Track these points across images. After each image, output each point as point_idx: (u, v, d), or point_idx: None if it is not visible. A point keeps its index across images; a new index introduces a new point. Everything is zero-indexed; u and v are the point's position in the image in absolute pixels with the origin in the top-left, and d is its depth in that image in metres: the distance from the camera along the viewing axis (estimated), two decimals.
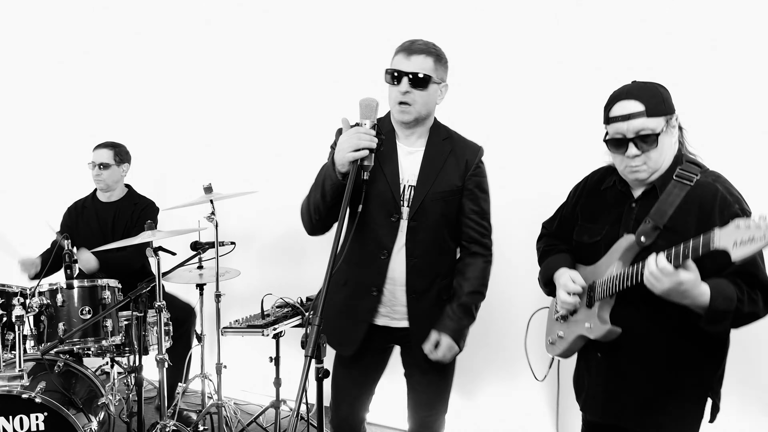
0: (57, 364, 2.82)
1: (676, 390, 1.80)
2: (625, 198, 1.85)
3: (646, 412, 1.81)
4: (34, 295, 2.70)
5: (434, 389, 2.22)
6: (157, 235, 2.80)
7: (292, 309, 3.29)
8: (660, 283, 1.58)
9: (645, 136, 1.70)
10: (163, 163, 4.23)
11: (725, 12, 2.73)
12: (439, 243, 2.11)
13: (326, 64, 3.73)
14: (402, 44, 2.05)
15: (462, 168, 2.10)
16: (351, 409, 2.26)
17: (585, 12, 3.03)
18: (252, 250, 3.99)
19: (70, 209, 3.64)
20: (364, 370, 2.23)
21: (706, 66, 2.75)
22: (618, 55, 2.91)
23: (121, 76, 4.43)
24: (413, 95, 2.00)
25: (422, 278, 2.09)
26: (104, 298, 2.82)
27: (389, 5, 3.51)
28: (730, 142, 2.64)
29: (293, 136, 3.89)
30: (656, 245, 1.70)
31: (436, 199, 2.07)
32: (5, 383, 2.52)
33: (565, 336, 1.96)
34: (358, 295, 2.11)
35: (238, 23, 4.01)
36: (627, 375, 1.84)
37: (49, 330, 2.75)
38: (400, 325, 2.14)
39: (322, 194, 1.98)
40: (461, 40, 3.14)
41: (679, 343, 1.77)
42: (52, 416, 2.50)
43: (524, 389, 3.23)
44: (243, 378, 3.94)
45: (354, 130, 1.87)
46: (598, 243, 1.87)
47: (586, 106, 2.93)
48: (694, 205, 1.71)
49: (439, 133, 2.13)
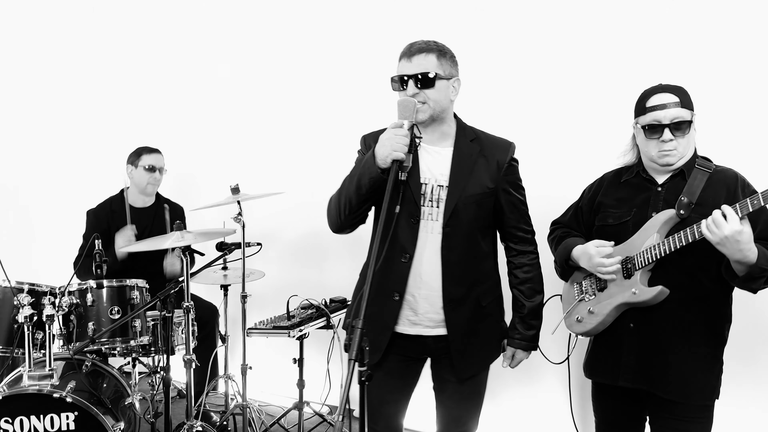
0: (85, 364, 2.83)
1: (701, 359, 2.00)
2: (651, 184, 2.08)
3: (677, 377, 1.98)
4: (63, 295, 2.70)
5: (466, 404, 2.16)
6: (187, 237, 2.80)
7: (316, 310, 3.29)
8: (721, 229, 1.75)
9: (679, 123, 1.96)
10: (186, 164, 4.25)
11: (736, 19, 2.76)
12: (474, 248, 2.07)
13: (351, 66, 3.74)
14: (403, 49, 2.02)
15: (493, 169, 2.06)
16: (386, 421, 2.15)
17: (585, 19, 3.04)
18: (273, 251, 3.99)
19: (96, 212, 3.57)
20: (397, 384, 2.13)
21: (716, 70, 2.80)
22: (633, 58, 2.95)
23: (146, 77, 4.45)
24: (423, 95, 1.96)
25: (459, 285, 2.03)
26: (133, 298, 2.83)
27: (413, 6, 3.51)
28: (731, 142, 2.68)
29: (313, 138, 3.91)
30: (691, 218, 1.93)
31: (469, 203, 2.02)
32: (35, 382, 2.53)
33: (597, 311, 2.11)
34: (380, 301, 1.99)
35: (266, 25, 4.02)
36: (659, 343, 2.01)
37: (78, 329, 2.76)
38: (434, 333, 2.06)
39: (358, 187, 1.93)
40: (479, 44, 3.19)
41: (704, 313, 1.99)
42: (83, 416, 2.51)
43: (541, 383, 3.25)
44: (263, 379, 3.94)
45: (396, 130, 1.85)
46: (626, 223, 2.08)
47: (599, 112, 3.00)
48: (721, 185, 1.99)
49: (465, 135, 2.09)
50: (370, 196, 1.94)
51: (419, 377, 2.20)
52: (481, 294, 2.08)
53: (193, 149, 4.27)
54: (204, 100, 4.26)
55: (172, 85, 4.36)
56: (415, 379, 2.19)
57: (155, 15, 4.41)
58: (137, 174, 3.54)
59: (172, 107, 4.37)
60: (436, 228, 2.02)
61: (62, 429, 2.50)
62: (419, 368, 2.19)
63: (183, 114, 4.34)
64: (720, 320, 2.04)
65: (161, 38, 4.39)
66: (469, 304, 2.06)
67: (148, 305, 2.71)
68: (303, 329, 3.07)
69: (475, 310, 2.07)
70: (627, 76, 2.93)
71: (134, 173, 3.55)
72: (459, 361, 2.06)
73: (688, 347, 1.99)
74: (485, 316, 2.10)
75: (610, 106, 2.94)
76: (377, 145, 1.87)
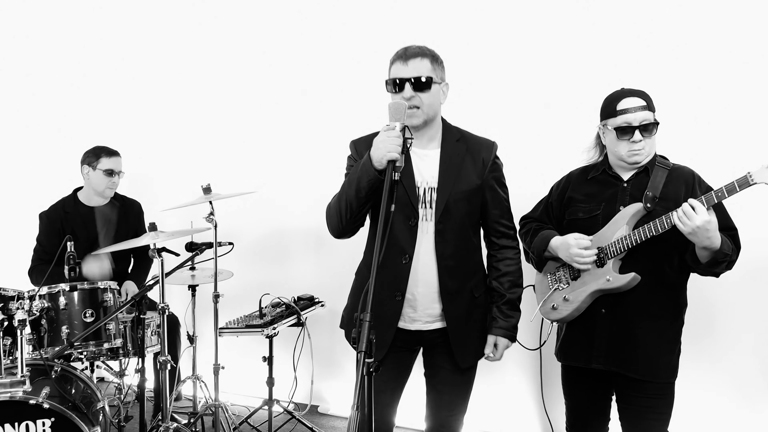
0: (54, 369, 2.75)
1: (666, 341, 2.20)
2: (617, 180, 2.26)
3: (646, 358, 2.17)
4: (33, 299, 2.62)
5: (458, 390, 2.26)
6: (160, 237, 2.78)
7: (286, 308, 3.33)
8: (693, 221, 1.93)
9: (647, 125, 2.14)
10: (154, 164, 4.19)
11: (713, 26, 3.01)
12: (466, 242, 2.17)
13: (325, 66, 3.79)
14: (396, 53, 2.10)
15: (479, 166, 2.17)
16: (381, 409, 2.19)
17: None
18: (235, 250, 3.99)
19: (48, 214, 3.48)
20: (392, 374, 2.20)
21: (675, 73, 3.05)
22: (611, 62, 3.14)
23: (116, 76, 4.34)
24: (418, 99, 2.05)
25: (454, 278, 2.13)
26: (106, 301, 2.77)
27: (388, 6, 3.60)
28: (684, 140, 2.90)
29: (276, 138, 3.94)
30: (656, 212, 2.12)
31: (459, 200, 2.12)
32: (7, 390, 2.45)
33: (572, 299, 2.27)
34: (384, 302, 2.08)
35: (234, 24, 4.01)
36: (629, 327, 2.19)
37: (50, 334, 2.68)
38: (433, 327, 2.16)
39: (357, 190, 2.00)
40: (472, 46, 3.36)
41: (668, 298, 2.19)
42: (59, 421, 2.44)
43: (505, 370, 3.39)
44: (227, 380, 3.92)
45: (389, 132, 1.92)
46: (596, 216, 2.25)
47: (562, 115, 3.21)
48: (680, 181, 2.18)
49: (452, 134, 2.19)
50: (370, 198, 2.01)
51: (413, 367, 2.29)
52: (474, 286, 2.19)
53: (148, 149, 4.19)
54: (174, 100, 4.20)
55: (142, 84, 4.28)
56: (409, 369, 2.27)
57: (122, 9, 4.30)
58: (95, 176, 3.45)
59: (127, 105, 4.29)
60: (430, 227, 2.12)
61: None
62: (413, 358, 2.28)
63: (152, 113, 4.26)
64: (679, 305, 2.24)
65: (131, 37, 4.29)
66: (464, 295, 2.16)
67: (124, 306, 2.67)
68: (276, 327, 3.11)
69: (469, 301, 2.18)
70: (586, 80, 3.16)
71: (91, 175, 3.46)
72: (459, 352, 2.16)
73: (654, 330, 2.17)
74: (478, 307, 2.21)
75: (573, 111, 3.16)
76: (372, 149, 1.94)
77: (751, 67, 2.94)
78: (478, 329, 2.22)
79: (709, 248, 2.00)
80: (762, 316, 2.96)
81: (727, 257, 2.05)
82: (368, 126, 2.21)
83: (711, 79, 3.00)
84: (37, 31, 4.49)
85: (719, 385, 3.03)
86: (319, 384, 3.90)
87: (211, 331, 3.18)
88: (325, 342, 3.81)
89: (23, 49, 4.55)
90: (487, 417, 3.45)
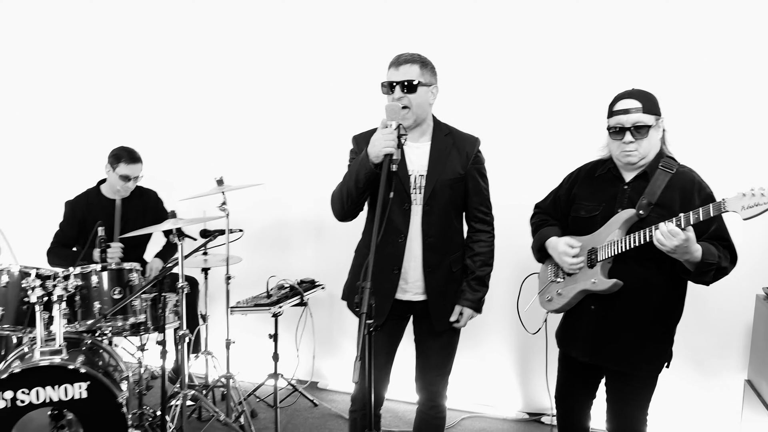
0: (84, 342, 3.07)
1: (652, 338, 2.30)
2: (618, 181, 2.33)
3: (627, 354, 2.30)
4: (68, 278, 2.94)
5: (443, 352, 2.61)
6: (179, 223, 3.10)
7: (290, 289, 3.66)
8: (670, 241, 2.02)
9: (640, 127, 2.20)
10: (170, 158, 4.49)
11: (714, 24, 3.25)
12: (448, 223, 2.52)
13: (325, 69, 4.10)
14: (392, 59, 2.45)
15: (463, 158, 2.51)
16: (378, 369, 2.45)
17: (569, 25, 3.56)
18: (243, 238, 4.30)
19: (73, 204, 3.76)
20: (387, 338, 2.55)
21: (688, 75, 3.29)
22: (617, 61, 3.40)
23: (133, 75, 4.60)
24: (407, 99, 2.39)
25: (436, 254, 2.48)
26: (131, 280, 3.09)
27: (389, 8, 3.92)
28: (701, 142, 3.17)
29: (282, 134, 4.26)
30: (650, 218, 2.19)
31: (444, 186, 2.47)
32: (48, 357, 2.77)
33: (564, 293, 2.43)
34: (383, 276, 2.40)
35: (246, 21, 4.28)
36: (615, 324, 2.30)
37: (83, 309, 3.00)
38: (419, 298, 2.50)
39: (356, 180, 2.34)
40: (463, 49, 3.66)
41: (658, 298, 2.26)
42: (94, 385, 2.76)
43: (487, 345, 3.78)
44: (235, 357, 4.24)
45: (386, 130, 2.26)
46: (595, 217, 2.34)
47: (574, 109, 3.49)
48: (677, 188, 2.21)
49: (441, 130, 2.54)
50: (367, 188, 2.35)
51: (404, 333, 2.64)
52: (452, 261, 2.53)
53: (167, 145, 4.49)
54: (175, 95, 4.49)
55: (157, 82, 4.54)
56: (400, 334, 2.62)
57: (137, 10, 4.55)
58: (112, 177, 3.72)
59: (151, 106, 4.56)
60: (419, 210, 2.47)
61: (74, 398, 2.75)
62: (404, 325, 2.64)
63: (159, 112, 4.54)
64: (669, 306, 2.30)
65: (143, 33, 4.54)
66: (443, 269, 2.51)
67: (151, 283, 2.99)
68: (282, 306, 3.44)
69: (447, 275, 2.52)
70: (584, 80, 3.46)
71: (110, 175, 3.73)
72: (435, 317, 2.52)
73: (639, 329, 2.27)
74: (454, 281, 2.56)
75: (575, 108, 3.45)
76: (369, 145, 2.28)
77: (755, 67, 3.14)
78: (453, 300, 2.55)
79: (690, 261, 2.10)
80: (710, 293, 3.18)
81: (713, 266, 2.10)
82: (367, 126, 2.54)
83: (711, 79, 3.21)
84: (75, 28, 4.71)
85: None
86: (318, 362, 4.24)
87: (220, 312, 3.50)
88: (324, 322, 4.15)
89: (60, 44, 4.78)
90: (474, 392, 3.83)
